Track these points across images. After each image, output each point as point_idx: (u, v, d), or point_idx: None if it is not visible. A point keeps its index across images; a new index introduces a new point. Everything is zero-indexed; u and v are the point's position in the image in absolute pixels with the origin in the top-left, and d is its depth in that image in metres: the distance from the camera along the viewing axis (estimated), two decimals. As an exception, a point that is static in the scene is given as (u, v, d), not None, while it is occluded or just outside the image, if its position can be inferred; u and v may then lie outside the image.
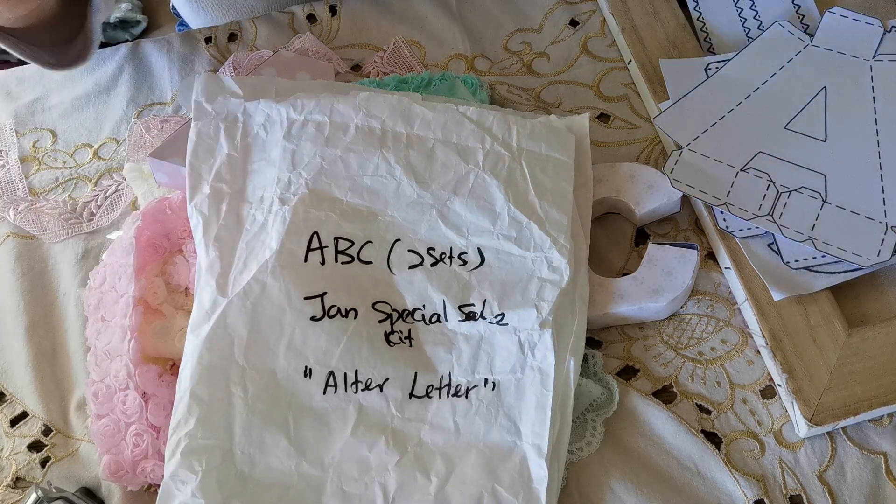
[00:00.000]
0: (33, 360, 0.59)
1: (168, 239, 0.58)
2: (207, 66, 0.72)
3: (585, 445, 0.53)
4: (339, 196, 0.55)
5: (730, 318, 0.57)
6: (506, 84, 0.69)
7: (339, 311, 0.53)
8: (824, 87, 0.63)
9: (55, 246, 0.64)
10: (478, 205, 0.55)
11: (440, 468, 0.50)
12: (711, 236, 0.59)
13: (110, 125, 0.70)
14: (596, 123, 0.66)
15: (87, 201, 0.66)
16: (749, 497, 0.51)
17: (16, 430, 0.57)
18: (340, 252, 0.54)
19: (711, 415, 0.54)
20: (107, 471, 0.52)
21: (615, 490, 0.52)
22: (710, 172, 0.59)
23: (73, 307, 0.61)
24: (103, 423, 0.53)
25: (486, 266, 0.54)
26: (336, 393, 0.51)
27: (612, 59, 0.70)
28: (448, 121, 0.57)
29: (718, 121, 0.62)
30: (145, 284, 0.55)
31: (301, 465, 0.50)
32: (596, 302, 0.56)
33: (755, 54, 0.65)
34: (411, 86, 0.65)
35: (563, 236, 0.55)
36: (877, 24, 0.64)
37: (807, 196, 0.58)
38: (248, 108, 0.58)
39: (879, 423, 0.53)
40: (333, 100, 0.58)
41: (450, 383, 0.52)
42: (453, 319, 0.54)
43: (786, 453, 0.53)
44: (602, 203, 0.60)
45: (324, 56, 0.71)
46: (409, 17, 0.74)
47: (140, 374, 0.52)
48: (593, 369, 0.56)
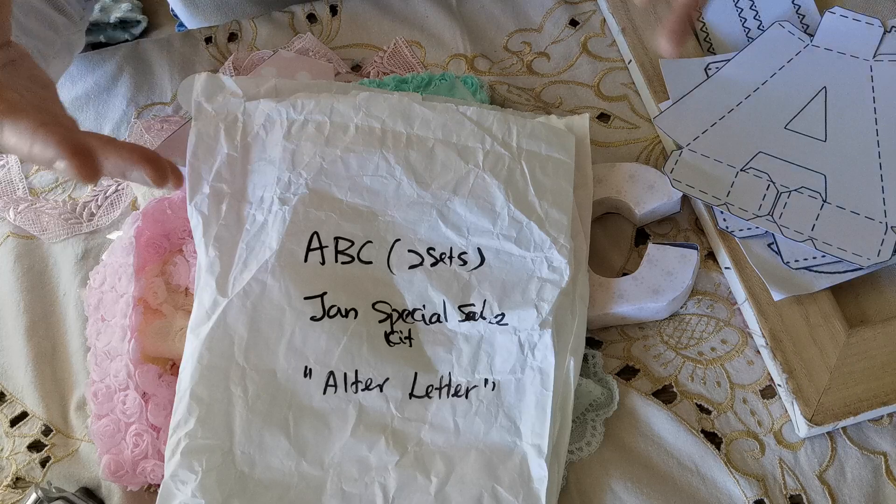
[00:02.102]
0: (33, 360, 0.59)
1: (168, 239, 0.58)
2: (207, 66, 0.72)
3: (585, 445, 0.53)
4: (339, 196, 0.55)
5: (730, 318, 0.57)
6: (506, 84, 0.69)
7: (339, 311, 0.53)
8: (824, 87, 0.63)
9: (55, 246, 0.64)
10: (478, 205, 0.55)
11: (440, 468, 0.50)
12: (711, 236, 0.59)
13: (110, 125, 0.70)
14: (596, 123, 0.66)
15: (87, 201, 0.66)
16: (749, 497, 0.51)
17: (16, 430, 0.57)
18: (340, 252, 0.54)
19: (711, 415, 0.54)
20: (107, 471, 0.52)
21: (615, 490, 0.52)
22: (710, 172, 0.59)
23: (73, 307, 0.61)
24: (103, 423, 0.53)
25: (486, 266, 0.54)
26: (336, 393, 0.51)
27: (612, 59, 0.70)
28: (448, 121, 0.57)
29: (718, 121, 0.62)
30: (145, 284, 0.55)
31: (301, 465, 0.50)
32: (596, 302, 0.56)
33: (755, 54, 0.65)
34: (411, 86, 0.65)
35: (563, 236, 0.55)
36: (877, 24, 0.64)
37: (807, 196, 0.58)
38: (248, 108, 0.58)
39: (879, 423, 0.53)
40: (333, 100, 0.58)
41: (450, 383, 0.52)
42: (453, 319, 0.54)
43: (786, 453, 0.53)
44: (602, 203, 0.60)
45: (324, 56, 0.71)
46: (409, 17, 0.74)
47: (140, 374, 0.52)
48: (593, 369, 0.55)
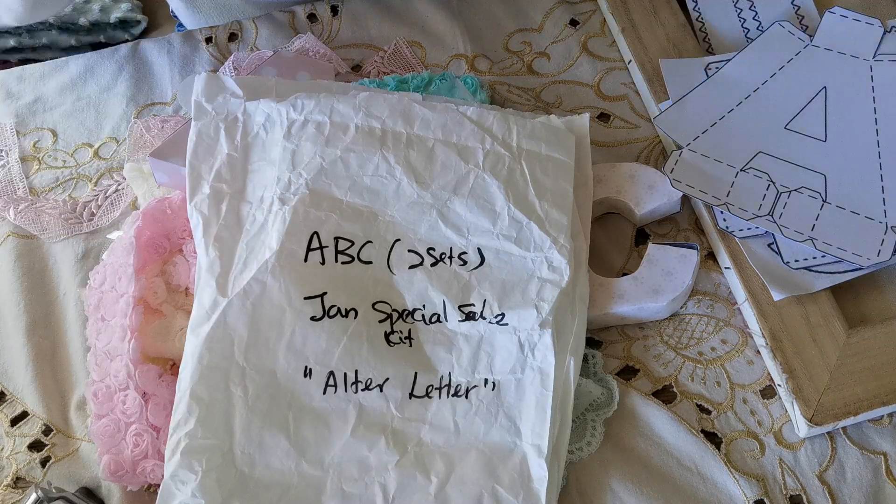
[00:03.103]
0: (33, 359, 0.59)
1: (168, 239, 0.58)
2: (207, 66, 0.72)
3: (585, 445, 0.53)
4: (339, 196, 0.55)
5: (730, 318, 0.57)
6: (506, 84, 0.69)
7: (339, 311, 0.53)
8: (824, 87, 0.63)
9: (55, 246, 0.64)
10: (478, 205, 0.55)
11: (440, 468, 0.50)
12: (711, 236, 0.59)
13: (110, 125, 0.70)
14: (596, 123, 0.66)
15: (87, 201, 0.66)
16: (749, 497, 0.51)
17: (16, 429, 0.57)
18: (340, 252, 0.54)
19: (711, 415, 0.54)
20: (107, 471, 0.52)
21: (615, 490, 0.52)
22: (710, 172, 0.59)
23: (73, 307, 0.61)
24: (103, 422, 0.53)
25: (486, 266, 0.54)
26: (336, 393, 0.51)
27: (612, 59, 0.70)
28: (448, 121, 0.57)
29: (718, 121, 0.62)
30: (145, 284, 0.55)
31: (301, 465, 0.50)
32: (596, 302, 0.56)
33: (755, 54, 0.65)
34: (411, 86, 0.65)
35: (563, 236, 0.55)
36: (877, 24, 0.64)
37: (807, 196, 0.58)
38: (248, 108, 0.58)
39: (879, 423, 0.53)
40: (333, 100, 0.58)
41: (450, 383, 0.52)
42: (453, 319, 0.53)
43: (786, 453, 0.53)
44: (602, 203, 0.60)
45: (324, 56, 0.71)
46: (409, 17, 0.74)
47: (140, 374, 0.52)
48: (593, 369, 0.56)
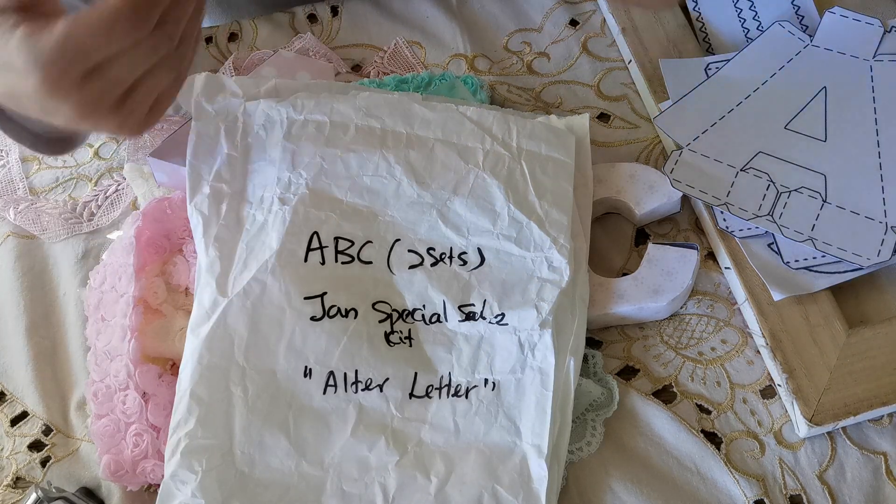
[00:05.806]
0: (33, 359, 0.59)
1: (168, 239, 0.58)
2: (207, 66, 0.72)
3: (585, 445, 0.53)
4: (339, 196, 0.55)
5: (730, 318, 0.57)
6: (506, 84, 0.69)
7: (339, 311, 0.53)
8: (824, 87, 0.63)
9: (55, 246, 0.64)
10: (478, 205, 0.55)
11: (440, 468, 0.50)
12: (711, 236, 0.59)
13: (110, 125, 0.70)
14: (596, 123, 0.66)
15: (87, 201, 0.66)
16: (749, 497, 0.51)
17: (16, 429, 0.57)
18: (340, 252, 0.54)
19: (711, 415, 0.54)
20: (107, 471, 0.52)
21: (615, 490, 0.52)
22: (710, 172, 0.59)
23: (73, 307, 0.61)
24: (103, 422, 0.53)
25: (486, 266, 0.54)
26: (336, 393, 0.51)
27: (612, 59, 0.70)
28: (448, 121, 0.57)
29: (718, 121, 0.62)
30: (145, 284, 0.55)
31: (301, 464, 0.50)
32: (596, 302, 0.56)
33: (755, 54, 0.65)
34: (411, 86, 0.65)
35: (563, 236, 0.55)
36: (877, 24, 0.64)
37: (807, 196, 0.58)
38: (248, 108, 0.58)
39: (879, 423, 0.53)
40: (333, 100, 0.58)
41: (450, 383, 0.52)
42: (453, 319, 0.53)
43: (786, 453, 0.53)
44: (602, 203, 0.60)
45: (324, 56, 0.71)
46: (409, 18, 0.74)
47: (140, 374, 0.52)
48: (593, 369, 0.55)
